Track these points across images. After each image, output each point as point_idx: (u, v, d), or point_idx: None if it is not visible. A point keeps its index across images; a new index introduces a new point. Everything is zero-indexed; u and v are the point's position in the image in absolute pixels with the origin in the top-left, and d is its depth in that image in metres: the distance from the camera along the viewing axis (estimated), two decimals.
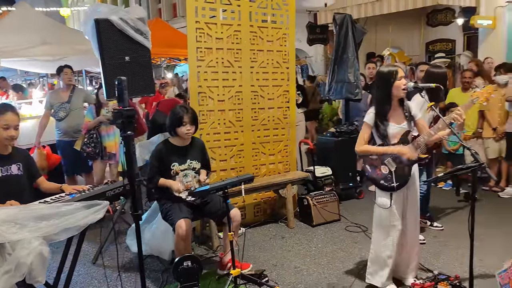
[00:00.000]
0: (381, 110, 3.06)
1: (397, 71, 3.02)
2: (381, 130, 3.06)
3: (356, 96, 5.64)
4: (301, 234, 4.61)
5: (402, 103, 3.14)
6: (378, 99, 3.10)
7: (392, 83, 3.01)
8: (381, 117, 3.06)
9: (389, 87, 3.02)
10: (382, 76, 3.09)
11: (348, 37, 5.51)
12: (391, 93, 3.03)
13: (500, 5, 7.81)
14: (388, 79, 3.02)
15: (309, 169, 5.42)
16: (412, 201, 3.23)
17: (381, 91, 3.08)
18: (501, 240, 4.23)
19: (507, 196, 5.61)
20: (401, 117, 3.12)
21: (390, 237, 3.15)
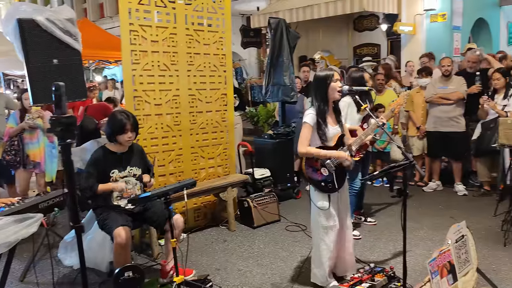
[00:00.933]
0: (320, 112, 3.16)
1: (333, 74, 3.15)
2: (321, 132, 3.16)
3: (292, 98, 5.79)
4: (242, 237, 4.63)
5: (335, 107, 3.28)
6: (316, 101, 3.20)
7: (328, 85, 3.13)
8: (321, 118, 3.16)
9: (325, 89, 3.14)
10: (319, 79, 3.21)
11: (283, 41, 5.64)
12: (327, 95, 3.16)
13: (419, 13, 8.43)
14: (325, 81, 3.14)
15: (248, 171, 5.48)
16: (345, 200, 3.39)
17: (318, 93, 3.19)
18: (428, 232, 4.55)
19: (430, 190, 6.05)
20: (335, 120, 3.27)
21: (329, 236, 3.26)
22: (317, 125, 3.16)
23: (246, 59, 13.08)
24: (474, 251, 3.25)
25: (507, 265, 3.73)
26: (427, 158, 6.20)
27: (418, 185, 6.21)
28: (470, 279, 3.13)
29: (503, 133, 4.33)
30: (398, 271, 3.33)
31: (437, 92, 5.73)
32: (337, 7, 7.90)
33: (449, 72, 5.72)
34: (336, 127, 3.25)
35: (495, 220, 4.75)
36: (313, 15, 8.34)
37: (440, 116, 5.74)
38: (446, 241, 3.01)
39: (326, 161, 3.19)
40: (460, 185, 5.89)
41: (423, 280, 2.93)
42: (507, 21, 10.43)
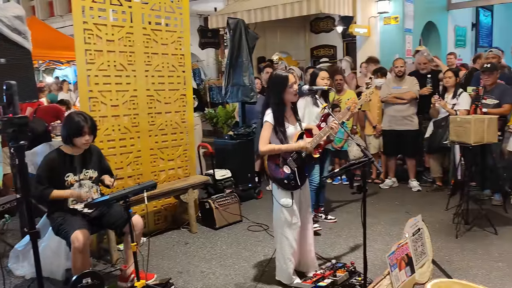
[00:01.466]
0: (277, 112, 3.17)
1: (288, 77, 3.17)
2: (281, 131, 3.18)
3: (252, 99, 5.80)
4: (204, 238, 4.58)
5: (293, 106, 3.32)
6: (274, 102, 3.20)
7: (284, 89, 3.16)
8: (279, 118, 3.17)
9: (282, 91, 3.16)
10: (275, 81, 3.22)
11: (242, 42, 5.64)
12: (284, 97, 3.18)
13: (373, 15, 8.70)
14: (281, 84, 3.16)
15: (209, 172, 5.43)
16: (306, 198, 3.43)
17: (275, 94, 3.20)
18: (385, 227, 4.69)
19: (387, 187, 6.24)
20: (293, 119, 3.30)
21: (292, 234, 3.28)
22: (276, 125, 3.17)
23: (204, 60, 12.99)
24: (429, 243, 3.39)
25: (459, 255, 3.91)
26: (383, 156, 6.40)
27: (375, 183, 6.40)
28: (426, 270, 3.26)
29: (453, 130, 4.53)
30: (358, 266, 3.41)
31: (392, 92, 5.93)
32: (294, 9, 8.00)
33: (402, 73, 5.93)
34: (295, 125, 3.28)
35: (447, 214, 4.97)
36: (271, 16, 8.40)
37: (395, 115, 5.94)
38: (404, 234, 3.11)
39: (288, 159, 3.21)
40: (414, 181, 6.12)
41: (382, 273, 3.02)
42: (454, 24, 10.97)
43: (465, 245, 4.12)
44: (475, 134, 4.26)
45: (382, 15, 8.63)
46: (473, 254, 3.93)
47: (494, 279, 3.47)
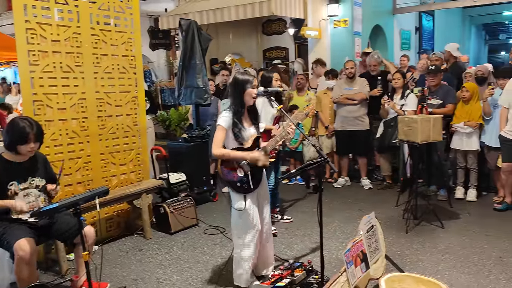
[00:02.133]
0: (236, 114, 3.16)
1: (251, 80, 3.17)
2: (237, 133, 3.16)
3: (206, 101, 5.74)
4: (159, 244, 4.48)
5: (252, 110, 3.30)
6: (233, 103, 3.20)
7: (244, 90, 3.15)
8: (237, 120, 3.16)
9: (242, 93, 3.16)
10: (237, 82, 3.20)
11: (195, 43, 5.57)
12: (243, 99, 3.17)
13: (324, 18, 8.88)
14: (243, 86, 3.15)
15: (163, 176, 5.32)
16: (265, 199, 3.42)
17: (236, 96, 3.20)
18: (339, 225, 4.80)
19: (340, 186, 6.39)
20: (250, 122, 3.29)
21: (250, 237, 3.25)
22: (232, 127, 3.15)
23: (155, 62, 12.71)
24: (382, 239, 3.50)
25: (409, 249, 4.07)
26: (335, 155, 6.55)
27: (328, 182, 6.53)
28: (380, 266, 3.36)
29: (402, 130, 4.71)
30: (315, 264, 3.46)
31: (343, 93, 6.08)
32: (246, 11, 8.01)
33: (353, 74, 6.10)
34: (251, 128, 3.27)
35: (397, 210, 5.17)
36: (223, 18, 8.36)
37: (347, 116, 6.10)
38: (358, 231, 3.18)
39: (241, 162, 3.19)
40: (366, 180, 6.31)
41: (339, 270, 3.08)
42: (400, 28, 11.43)
43: (415, 239, 4.30)
44: (422, 133, 4.45)
45: (332, 18, 8.84)
46: (422, 247, 4.11)
47: (442, 270, 3.63)
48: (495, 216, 4.88)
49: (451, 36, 16.75)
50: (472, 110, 5.20)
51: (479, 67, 5.82)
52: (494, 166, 5.26)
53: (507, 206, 5.05)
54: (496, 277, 3.47)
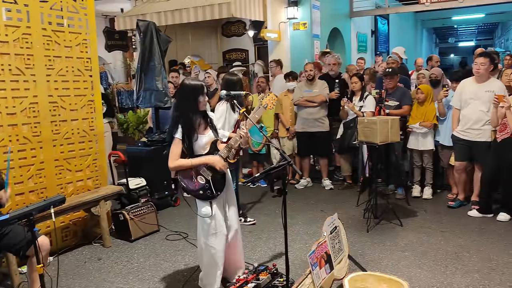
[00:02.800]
0: (188, 123, 3.05)
1: (202, 86, 3.09)
2: (191, 142, 3.07)
3: (166, 104, 5.63)
4: (119, 252, 4.33)
5: (205, 114, 3.22)
6: (185, 112, 3.07)
7: (198, 97, 3.06)
8: (190, 129, 3.06)
9: (196, 101, 3.07)
10: (188, 89, 3.10)
11: (154, 45, 5.44)
12: (197, 106, 3.09)
13: (283, 21, 8.96)
14: (194, 93, 3.06)
15: (122, 182, 5.15)
16: (232, 203, 3.37)
17: (188, 104, 3.08)
18: (302, 226, 4.83)
19: (302, 187, 6.45)
20: (205, 126, 3.20)
21: (218, 243, 3.20)
22: (186, 137, 3.05)
23: (111, 63, 12.35)
24: (345, 240, 3.55)
25: (371, 248, 4.15)
26: (297, 157, 6.60)
27: (290, 183, 6.57)
28: (343, 266, 3.40)
29: (361, 131, 4.81)
30: (280, 267, 3.45)
31: (303, 96, 6.14)
32: (205, 12, 7.93)
33: (312, 76, 6.17)
34: (207, 134, 3.18)
35: (358, 210, 5.27)
36: (182, 19, 8.23)
37: (307, 117, 6.16)
38: (322, 233, 3.21)
39: (201, 169, 3.12)
40: (327, 180, 6.40)
41: (304, 273, 3.09)
42: (356, 31, 11.73)
43: (375, 238, 4.39)
44: (381, 134, 4.56)
45: (292, 21, 8.92)
46: (383, 246, 4.20)
47: (402, 267, 3.73)
48: (449, 213, 5.08)
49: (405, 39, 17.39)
50: (427, 111, 5.39)
51: (433, 70, 6.05)
52: (447, 164, 5.48)
53: (460, 203, 5.27)
54: (452, 272, 3.60)
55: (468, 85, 5.01)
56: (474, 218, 4.85)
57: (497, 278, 3.47)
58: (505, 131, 4.55)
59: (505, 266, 3.67)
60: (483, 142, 4.86)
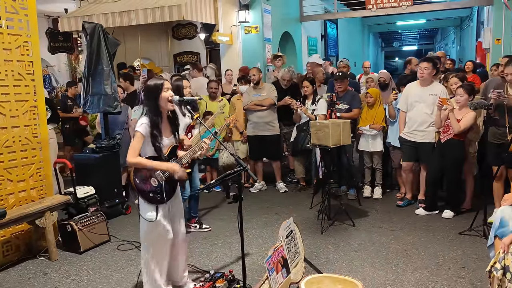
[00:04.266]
0: (153, 122, 3.04)
1: (163, 84, 3.06)
2: (156, 143, 3.05)
3: (116, 108, 5.42)
4: (67, 265, 4.12)
5: (172, 118, 3.19)
6: (149, 111, 3.07)
7: (158, 96, 3.03)
8: (155, 129, 3.04)
9: (157, 99, 3.04)
10: (149, 89, 3.08)
11: (101, 48, 5.23)
12: (159, 105, 3.06)
13: (235, 24, 8.96)
14: (155, 91, 3.03)
15: (69, 191, 4.91)
16: (178, 209, 3.32)
17: (150, 104, 3.07)
18: (258, 230, 4.82)
19: (256, 191, 6.45)
20: (169, 130, 3.18)
21: (160, 250, 3.15)
22: (150, 136, 3.03)
23: (55, 66, 11.80)
24: (301, 243, 3.57)
25: (325, 250, 4.22)
26: (250, 161, 6.59)
27: (245, 187, 6.55)
28: (300, 269, 3.42)
29: (314, 134, 4.88)
30: (237, 273, 3.42)
31: (252, 100, 6.15)
32: (155, 15, 7.76)
33: (256, 81, 6.19)
34: (170, 138, 3.16)
35: (312, 212, 5.34)
36: (131, 21, 8.01)
37: (257, 121, 6.17)
38: (278, 238, 3.21)
39: (156, 172, 3.07)
40: (281, 183, 6.44)
41: (261, 278, 3.08)
42: (307, 35, 11.95)
43: (329, 239, 4.46)
44: (333, 137, 4.65)
45: (243, 25, 8.94)
46: (336, 247, 4.28)
47: (355, 267, 3.81)
48: (398, 212, 5.26)
49: (353, 43, 17.99)
50: (376, 113, 5.57)
51: (381, 74, 6.27)
52: (398, 164, 5.68)
53: (408, 202, 5.48)
54: (403, 270, 3.73)
55: (413, 88, 5.23)
56: (422, 216, 5.06)
57: (443, 273, 3.63)
58: (448, 132, 4.78)
59: (451, 261, 3.85)
60: (428, 143, 5.09)
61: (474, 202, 5.14)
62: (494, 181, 4.64)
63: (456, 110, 4.73)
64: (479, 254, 3.94)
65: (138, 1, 8.25)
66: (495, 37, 9.05)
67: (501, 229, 2.85)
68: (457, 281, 3.49)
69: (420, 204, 5.24)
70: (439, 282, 3.49)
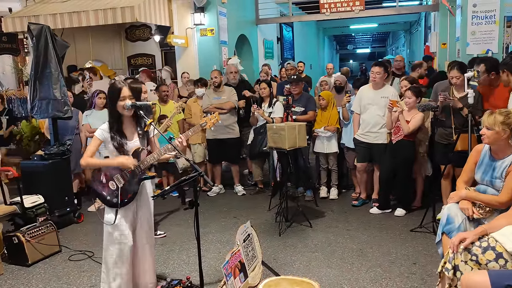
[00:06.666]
0: (113, 125, 3.02)
1: (120, 90, 2.99)
2: (118, 146, 3.01)
3: (66, 113, 5.19)
4: (14, 279, 3.91)
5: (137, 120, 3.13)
6: (110, 115, 3.06)
7: (115, 103, 2.99)
8: (115, 133, 3.01)
9: (115, 105, 3.01)
10: (109, 94, 3.07)
11: (49, 51, 5.00)
12: (117, 110, 3.01)
13: (190, 26, 8.86)
14: (114, 97, 3.00)
15: (15, 200, 4.65)
16: (144, 216, 3.21)
17: (110, 107, 3.06)
18: (215, 235, 4.78)
19: (214, 194, 6.39)
20: (133, 133, 3.12)
21: (121, 254, 3.06)
22: (111, 139, 3.01)
23: None
24: (258, 246, 3.58)
25: (283, 252, 4.24)
26: (208, 164, 6.54)
27: (203, 191, 6.49)
28: (257, 272, 3.43)
29: (271, 137, 4.90)
30: (194, 279, 3.37)
31: (212, 103, 6.11)
32: (107, 16, 7.53)
33: (217, 83, 6.17)
34: (133, 140, 3.09)
35: (270, 214, 5.37)
36: (81, 23, 7.73)
37: (217, 124, 6.09)
38: (236, 242, 3.20)
39: (114, 175, 3.01)
40: (239, 186, 6.43)
41: (218, 284, 3.05)
42: (263, 38, 12.02)
43: (287, 241, 4.50)
44: (289, 140, 4.69)
45: (199, 27, 8.86)
46: (294, 248, 4.31)
47: (313, 268, 3.86)
48: (353, 212, 5.39)
49: (308, 45, 18.31)
50: (330, 116, 5.68)
51: (337, 77, 6.40)
52: (352, 165, 5.81)
53: (362, 201, 5.62)
54: (358, 268, 3.82)
55: (366, 91, 5.38)
56: (375, 214, 5.21)
57: (396, 270, 3.75)
58: (399, 134, 4.95)
59: (403, 258, 3.99)
60: (380, 144, 5.25)
61: (424, 200, 5.35)
62: (442, 179, 4.85)
63: (406, 112, 4.91)
64: (429, 250, 4.10)
65: (89, 2, 7.98)
66: (441, 42, 9.49)
67: (448, 226, 2.97)
68: (408, 277, 3.61)
69: (374, 203, 5.39)
70: (392, 278, 3.60)
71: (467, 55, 7.03)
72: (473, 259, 2.56)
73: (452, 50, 8.81)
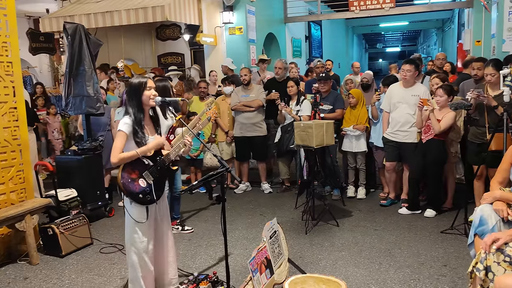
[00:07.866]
0: (136, 121, 3.04)
1: (146, 82, 3.06)
2: (139, 140, 3.03)
3: (99, 110, 5.35)
4: (48, 269, 4.05)
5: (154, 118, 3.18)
6: (132, 109, 3.07)
7: (141, 93, 3.03)
8: (138, 127, 3.04)
9: (139, 97, 3.04)
10: (132, 87, 3.08)
11: (83, 49, 5.16)
12: (142, 103, 3.05)
13: (219, 25, 8.94)
14: (138, 89, 3.04)
15: (51, 193, 4.83)
16: (164, 211, 3.28)
17: (133, 101, 3.07)
18: (242, 231, 4.81)
19: (241, 192, 6.44)
20: (153, 129, 3.17)
21: (145, 251, 3.10)
22: (133, 134, 3.02)
23: (37, 67, 11.62)
24: (284, 243, 3.58)
25: (309, 250, 4.23)
26: (236, 161, 6.59)
27: (230, 188, 6.54)
28: (283, 270, 3.43)
29: (298, 135, 4.89)
30: (221, 274, 3.41)
31: (240, 100, 6.14)
32: (139, 15, 7.70)
33: (247, 81, 6.20)
34: (153, 137, 3.14)
35: (296, 212, 5.36)
36: (114, 22, 7.93)
37: (245, 122, 6.16)
38: (262, 238, 3.21)
39: (144, 172, 3.04)
40: (266, 184, 6.44)
41: (245, 279, 3.07)
42: (291, 36, 11.99)
43: (314, 239, 4.48)
44: (316, 138, 4.67)
45: (227, 26, 8.93)
46: (321, 247, 4.29)
47: (339, 267, 3.83)
48: (381, 211, 5.31)
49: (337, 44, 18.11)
50: (360, 114, 5.62)
51: (364, 75, 6.32)
52: (381, 164, 5.73)
53: (391, 201, 5.53)
54: (386, 269, 3.76)
55: (396, 89, 5.29)
56: (404, 215, 5.12)
57: (426, 271, 3.68)
58: (429, 133, 4.85)
59: (433, 260, 3.90)
60: (410, 143, 5.15)
61: (455, 201, 5.22)
62: (475, 180, 4.71)
63: (437, 111, 4.80)
64: (460, 252, 4.00)
65: (121, 2, 8.17)
66: (475, 39, 9.21)
67: (481, 227, 2.88)
68: (438, 279, 3.53)
69: (403, 204, 5.30)
70: (421, 280, 3.53)
71: (503, 53, 6.80)
72: (507, 260, 2.48)
73: (486, 48, 8.55)
